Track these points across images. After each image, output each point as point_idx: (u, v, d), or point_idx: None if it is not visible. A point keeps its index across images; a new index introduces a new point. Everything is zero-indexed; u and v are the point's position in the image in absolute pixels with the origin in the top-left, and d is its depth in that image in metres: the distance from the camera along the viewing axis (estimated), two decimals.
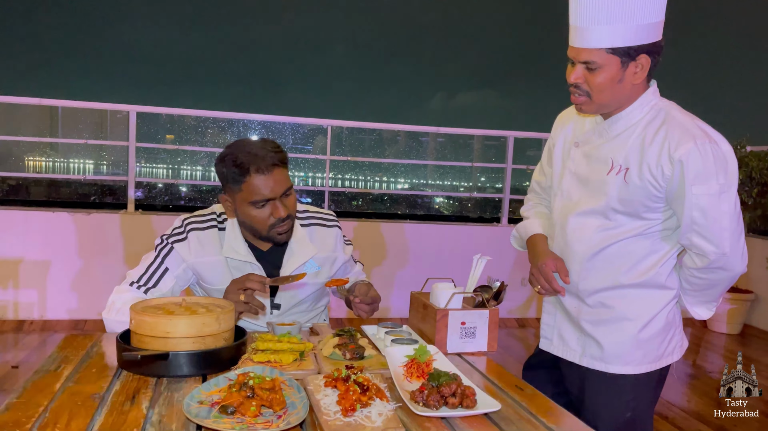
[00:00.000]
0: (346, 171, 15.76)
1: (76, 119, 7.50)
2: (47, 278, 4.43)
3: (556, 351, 1.82)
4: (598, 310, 1.69)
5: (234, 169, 1.71)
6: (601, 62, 1.53)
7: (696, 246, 1.58)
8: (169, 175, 14.48)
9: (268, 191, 1.72)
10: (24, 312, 4.42)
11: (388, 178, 15.66)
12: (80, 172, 16.11)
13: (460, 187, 12.74)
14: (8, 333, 4.28)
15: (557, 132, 1.83)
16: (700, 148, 1.50)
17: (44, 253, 4.41)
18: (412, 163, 7.18)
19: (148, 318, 1.43)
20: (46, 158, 15.35)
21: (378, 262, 4.91)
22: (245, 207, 1.75)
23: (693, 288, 1.68)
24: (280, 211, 1.74)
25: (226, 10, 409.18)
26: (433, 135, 7.78)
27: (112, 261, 4.41)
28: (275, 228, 1.78)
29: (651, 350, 1.68)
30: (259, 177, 1.70)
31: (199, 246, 1.85)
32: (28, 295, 4.42)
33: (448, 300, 1.69)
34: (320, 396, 1.28)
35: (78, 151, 14.99)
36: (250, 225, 1.79)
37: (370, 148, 9.41)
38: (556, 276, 1.72)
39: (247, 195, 1.73)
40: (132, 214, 4.54)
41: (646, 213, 1.61)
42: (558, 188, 1.77)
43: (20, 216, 4.41)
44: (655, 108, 1.61)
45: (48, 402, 1.24)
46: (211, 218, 1.90)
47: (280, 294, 1.91)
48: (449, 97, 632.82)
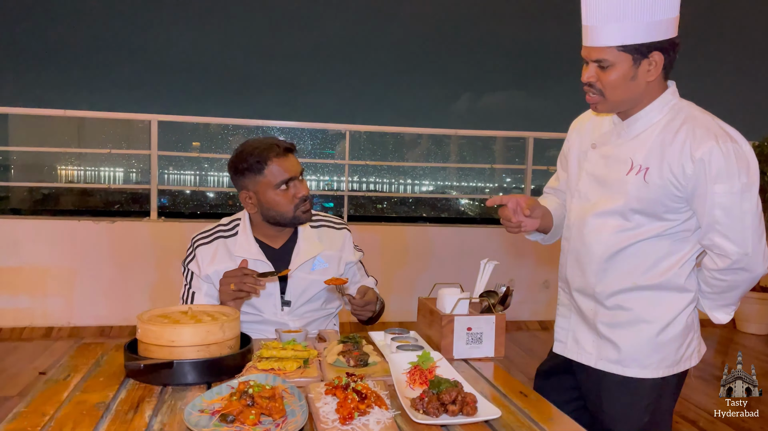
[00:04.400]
0: (370, 174, 15.82)
1: (103, 129, 7.66)
2: (74, 285, 4.53)
3: (570, 355, 1.80)
4: (616, 312, 1.67)
5: (254, 158, 1.86)
6: (612, 60, 1.52)
7: (718, 246, 1.55)
8: (196, 182, 14.70)
9: (290, 170, 1.87)
10: (53, 319, 4.52)
11: (413, 180, 15.67)
12: (110, 181, 16.43)
13: (485, 188, 12.69)
14: (37, 340, 4.38)
15: (572, 136, 1.82)
16: (722, 147, 1.48)
17: (71, 261, 4.51)
18: (431, 166, 7.16)
19: (154, 327, 1.46)
20: (77, 167, 15.70)
21: (400, 266, 4.91)
22: (270, 193, 1.87)
23: (713, 291, 1.64)
24: (302, 188, 1.89)
25: (257, 18, 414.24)
26: (455, 137, 7.75)
27: (136, 268, 4.48)
28: (299, 209, 1.89)
29: (669, 354, 1.65)
30: (279, 160, 1.86)
31: (208, 258, 1.94)
32: (56, 303, 4.52)
33: (454, 306, 1.69)
34: (320, 404, 1.29)
35: (108, 160, 15.29)
36: (276, 210, 1.89)
37: (394, 151, 9.40)
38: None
39: (271, 179, 1.86)
40: (155, 222, 4.61)
41: (666, 213, 1.58)
42: (575, 190, 1.76)
43: (48, 225, 4.51)
44: (674, 108, 1.59)
45: (54, 411, 1.27)
46: (216, 230, 1.99)
47: (289, 291, 1.96)
48: (475, 98, 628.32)
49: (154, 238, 4.52)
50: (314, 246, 1.99)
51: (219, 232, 1.98)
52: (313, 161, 5.29)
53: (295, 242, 1.98)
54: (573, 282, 1.75)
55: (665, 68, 1.54)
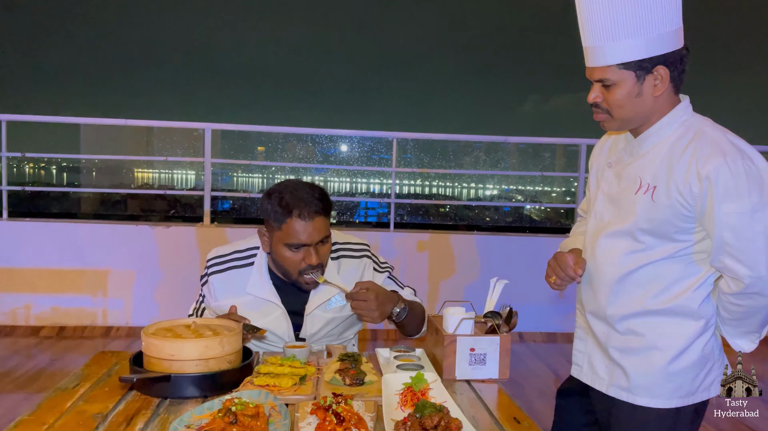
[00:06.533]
0: (433, 179, 15.79)
1: (172, 136, 8.01)
2: (132, 287, 4.74)
3: (585, 379, 1.74)
4: (628, 338, 1.60)
5: (278, 208, 1.77)
6: (614, 78, 1.48)
7: (729, 269, 1.46)
8: (263, 185, 15.10)
9: (306, 237, 1.77)
10: (112, 319, 4.75)
11: (476, 184, 15.54)
12: (183, 185, 17.10)
13: (552, 192, 12.46)
14: (97, 339, 4.62)
15: (595, 155, 1.77)
16: (730, 164, 1.40)
17: (129, 264, 4.72)
18: (479, 173, 7.07)
19: (155, 341, 1.51)
20: (153, 170, 16.43)
21: (447, 275, 4.88)
22: (280, 247, 1.80)
23: (732, 317, 1.56)
24: (313, 257, 1.78)
25: (321, 26, 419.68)
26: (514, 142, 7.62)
27: (188, 271, 4.65)
28: (304, 275, 1.81)
29: (684, 384, 1.57)
30: (300, 222, 1.76)
31: (220, 288, 1.92)
32: (115, 303, 4.74)
33: (457, 326, 1.66)
34: (303, 424, 1.30)
35: (179, 165, 15.91)
36: (282, 265, 1.84)
37: (455, 157, 9.38)
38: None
39: (284, 236, 1.78)
40: (207, 227, 4.76)
41: (677, 234, 1.51)
42: (592, 209, 1.71)
43: (107, 229, 4.75)
44: (685, 124, 1.52)
45: (54, 420, 1.34)
46: (231, 258, 1.95)
47: (305, 329, 1.93)
48: (542, 101, 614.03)
49: (204, 242, 4.68)
50: (333, 281, 1.87)
51: (233, 260, 1.94)
52: (361, 168, 5.33)
53: None
54: (587, 305, 1.69)
55: (673, 81, 1.48)
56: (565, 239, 1.88)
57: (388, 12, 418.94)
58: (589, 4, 1.47)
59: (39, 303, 4.68)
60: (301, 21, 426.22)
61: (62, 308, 4.70)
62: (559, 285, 1.68)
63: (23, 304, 4.67)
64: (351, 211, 9.50)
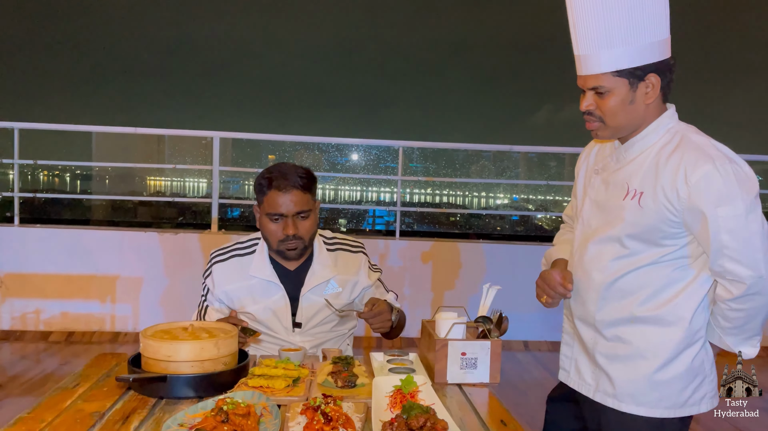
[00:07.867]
0: (443, 188, 15.81)
1: (183, 144, 8.10)
2: (140, 293, 4.80)
3: (572, 384, 1.76)
4: (615, 345, 1.62)
5: (262, 180, 1.95)
6: (609, 86, 1.51)
7: (729, 272, 1.48)
8: None
9: (283, 208, 1.91)
10: (120, 325, 4.80)
11: (486, 193, 15.52)
12: (195, 193, 17.24)
13: (563, 201, 12.44)
14: (105, 344, 4.67)
15: (581, 162, 1.80)
16: (720, 169, 1.43)
17: (137, 270, 4.78)
18: (482, 182, 7.09)
19: (152, 342, 1.55)
20: (165, 178, 16.57)
21: (451, 285, 4.89)
22: (263, 218, 1.96)
23: (734, 326, 1.56)
24: (290, 228, 1.92)
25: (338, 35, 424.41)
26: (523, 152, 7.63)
27: (194, 278, 4.68)
28: (284, 244, 1.94)
29: (670, 394, 1.58)
30: (277, 193, 1.91)
31: (223, 275, 2.03)
32: (123, 309, 4.80)
33: (448, 330, 1.69)
34: (293, 424, 1.33)
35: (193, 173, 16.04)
36: (266, 236, 1.98)
37: (463, 167, 9.41)
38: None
39: (266, 206, 1.94)
40: (214, 234, 4.82)
41: (663, 239, 1.53)
42: (579, 216, 1.74)
43: (116, 236, 4.82)
44: (671, 131, 1.55)
45: (52, 418, 1.38)
46: (233, 248, 2.08)
47: (300, 313, 2.02)
48: (556, 110, 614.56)
49: (209, 249, 4.70)
50: (329, 269, 2.04)
51: (235, 250, 2.07)
52: (368, 176, 5.36)
53: (310, 264, 2.03)
54: (575, 311, 1.71)
55: (663, 90, 1.52)
56: (549, 248, 1.90)
57: (401, 21, 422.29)
58: (584, 12, 1.50)
59: (48, 309, 4.75)
60: (312, 31, 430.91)
61: (71, 313, 4.76)
62: (551, 304, 1.72)
63: (33, 309, 4.74)
64: (359, 219, 9.56)
